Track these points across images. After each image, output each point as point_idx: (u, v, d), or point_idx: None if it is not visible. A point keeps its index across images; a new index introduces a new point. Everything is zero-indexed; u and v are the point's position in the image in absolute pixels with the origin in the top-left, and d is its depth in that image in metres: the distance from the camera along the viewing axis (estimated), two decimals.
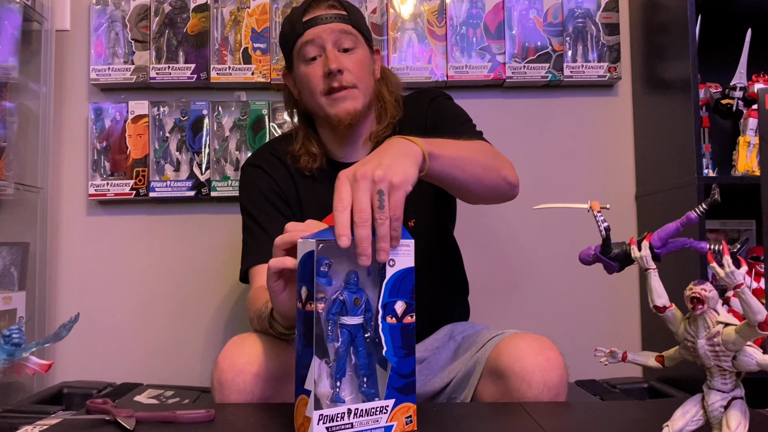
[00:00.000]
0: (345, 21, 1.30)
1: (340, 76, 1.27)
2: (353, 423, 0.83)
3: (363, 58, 1.31)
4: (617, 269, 0.72)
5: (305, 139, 1.37)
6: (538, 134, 1.90)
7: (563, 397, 1.10)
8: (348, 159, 1.36)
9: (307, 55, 1.30)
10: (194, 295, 1.84)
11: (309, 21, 1.29)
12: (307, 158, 1.35)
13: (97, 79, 1.81)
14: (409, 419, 0.88)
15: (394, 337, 0.86)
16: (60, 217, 1.85)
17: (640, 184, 1.88)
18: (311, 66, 1.30)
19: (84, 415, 1.00)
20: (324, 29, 1.28)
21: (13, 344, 0.59)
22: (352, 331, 0.85)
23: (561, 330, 1.79)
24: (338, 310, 0.83)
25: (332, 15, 1.30)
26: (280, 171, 1.38)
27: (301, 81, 1.33)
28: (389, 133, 1.33)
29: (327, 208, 1.29)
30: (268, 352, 1.12)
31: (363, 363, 0.85)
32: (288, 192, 1.37)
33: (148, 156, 1.81)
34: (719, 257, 0.60)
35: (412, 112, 1.38)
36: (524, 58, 1.84)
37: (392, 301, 0.86)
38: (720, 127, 1.84)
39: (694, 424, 0.66)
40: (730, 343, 0.62)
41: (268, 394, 1.10)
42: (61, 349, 1.80)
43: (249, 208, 1.37)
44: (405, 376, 0.87)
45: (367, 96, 1.32)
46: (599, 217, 0.71)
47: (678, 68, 1.66)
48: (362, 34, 1.33)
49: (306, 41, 1.29)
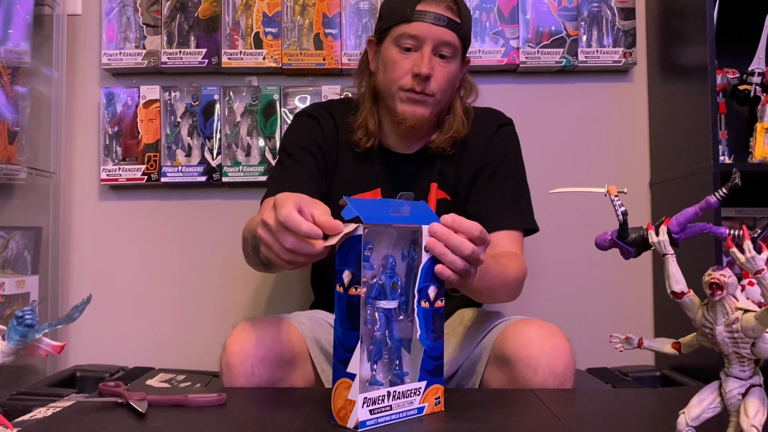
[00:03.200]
0: (455, 30, 1.26)
1: (427, 83, 1.24)
2: (391, 405, 0.85)
3: (453, 71, 1.29)
4: (634, 255, 0.71)
5: (369, 114, 1.34)
6: (551, 120, 1.88)
7: (570, 384, 1.10)
8: (400, 149, 1.36)
9: (403, 43, 1.26)
10: (206, 279, 1.84)
11: (422, 13, 1.24)
12: (363, 133, 1.33)
13: (109, 64, 1.81)
14: (437, 400, 0.91)
15: (427, 321, 0.89)
16: (72, 201, 1.85)
17: (655, 171, 1.86)
18: (403, 56, 1.26)
19: (97, 397, 1.00)
20: (432, 30, 1.24)
21: (26, 325, 0.59)
22: (389, 315, 0.86)
23: (573, 317, 1.79)
24: (377, 294, 0.84)
25: (446, 19, 1.24)
26: (330, 133, 1.36)
27: (385, 62, 1.29)
28: (448, 146, 1.33)
29: (361, 186, 1.31)
30: (276, 336, 1.12)
31: (396, 346, 0.87)
32: (329, 155, 1.35)
33: (159, 141, 1.81)
34: (739, 242, 0.59)
35: (478, 130, 1.36)
36: (538, 43, 1.82)
37: (426, 286, 0.89)
38: (737, 113, 1.81)
39: (711, 412, 0.65)
40: (749, 329, 0.61)
41: (276, 378, 1.10)
42: (74, 333, 1.81)
43: (291, 148, 1.34)
44: (435, 358, 0.91)
45: (441, 107, 1.31)
46: (616, 201, 0.70)
47: (695, 53, 1.64)
48: (464, 45, 1.30)
49: (409, 33, 1.25)
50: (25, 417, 0.91)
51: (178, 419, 0.89)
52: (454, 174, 1.35)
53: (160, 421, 0.87)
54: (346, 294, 0.83)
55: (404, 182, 1.34)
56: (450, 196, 1.35)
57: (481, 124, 1.37)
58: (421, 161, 1.35)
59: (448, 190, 1.35)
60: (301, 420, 0.89)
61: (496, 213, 1.29)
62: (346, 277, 0.83)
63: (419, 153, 1.36)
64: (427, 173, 1.35)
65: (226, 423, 0.90)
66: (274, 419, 0.91)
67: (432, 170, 1.35)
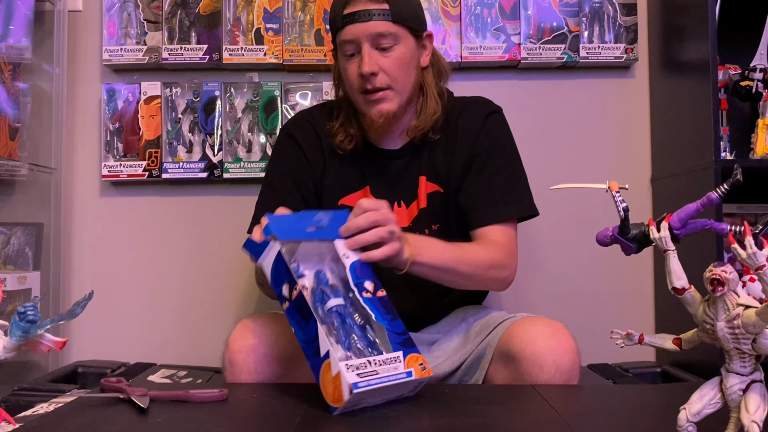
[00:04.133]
0: (385, 17, 1.23)
1: (374, 79, 1.23)
2: (377, 371, 0.89)
3: (402, 55, 1.25)
4: (635, 251, 0.71)
5: (345, 119, 1.34)
6: (552, 116, 1.87)
7: (575, 381, 1.10)
8: (384, 145, 1.35)
9: (345, 51, 1.26)
10: (207, 276, 1.84)
11: (349, 16, 1.24)
12: (343, 138, 1.33)
13: (110, 60, 1.81)
14: (422, 366, 0.95)
15: (376, 307, 0.98)
16: (73, 197, 1.85)
17: (656, 168, 1.86)
18: (349, 63, 1.26)
19: (98, 393, 1.00)
20: (362, 29, 1.22)
21: (28, 321, 0.59)
22: (341, 311, 0.95)
23: (573, 313, 1.78)
24: (320, 298, 0.94)
25: (373, 11, 1.22)
26: (311, 145, 1.36)
27: (341, 72, 1.31)
28: (428, 128, 1.30)
29: (350, 187, 1.31)
30: (279, 332, 1.12)
31: (361, 335, 0.94)
32: (315, 167, 1.36)
33: (160, 137, 1.81)
34: (741, 238, 0.59)
35: (467, 122, 1.33)
36: (539, 39, 1.82)
37: (361, 282, 0.99)
38: (738, 109, 1.80)
39: (712, 407, 0.65)
40: (750, 325, 0.61)
41: (279, 374, 1.11)
42: (76, 329, 1.82)
43: (271, 175, 1.38)
44: (400, 333, 0.97)
45: (405, 94, 1.28)
46: (618, 197, 0.70)
47: (696, 49, 1.63)
48: (406, 26, 1.26)
49: (344, 40, 1.25)
50: (27, 412, 0.91)
51: (180, 414, 0.89)
52: (444, 164, 1.32)
53: (161, 417, 0.88)
54: (292, 300, 0.91)
55: (393, 178, 1.33)
56: (442, 188, 1.32)
57: (470, 112, 1.35)
58: (409, 154, 1.34)
59: (440, 182, 1.32)
60: (303, 415, 0.89)
61: (485, 206, 1.28)
62: (286, 291, 0.93)
63: (406, 147, 1.34)
64: (415, 166, 1.33)
65: (228, 418, 0.90)
66: (275, 414, 0.92)
67: (420, 162, 1.33)
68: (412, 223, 1.32)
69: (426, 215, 1.32)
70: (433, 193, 1.33)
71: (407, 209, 1.32)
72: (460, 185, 1.32)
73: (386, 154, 1.35)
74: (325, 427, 0.85)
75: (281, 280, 0.94)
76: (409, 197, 1.33)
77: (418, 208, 1.32)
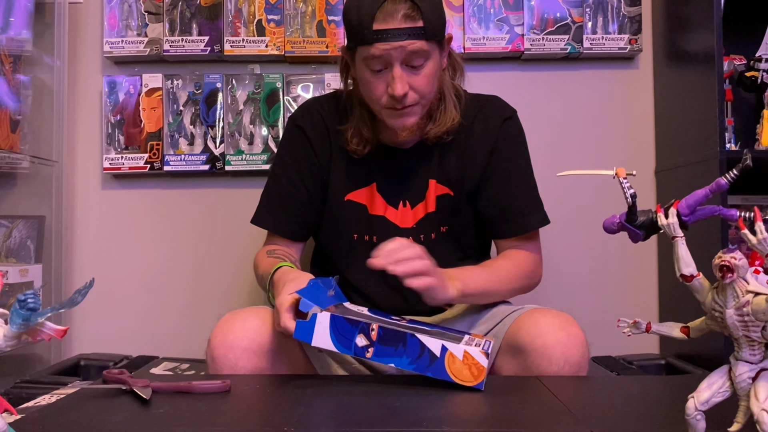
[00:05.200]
0: (420, 36, 1.14)
1: (405, 98, 1.17)
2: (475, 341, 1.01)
3: (432, 71, 1.19)
4: (642, 238, 0.70)
5: (360, 121, 1.28)
6: (556, 108, 1.86)
7: (584, 373, 1.10)
8: (396, 144, 1.31)
9: (372, 66, 1.17)
10: (209, 269, 1.84)
11: (380, 33, 1.13)
12: (358, 142, 1.28)
13: (111, 52, 1.80)
14: None
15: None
16: (75, 190, 1.85)
17: (660, 159, 1.85)
18: (375, 78, 1.18)
19: (101, 384, 1.00)
20: (395, 48, 1.13)
21: (29, 309, 0.58)
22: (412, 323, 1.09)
23: (576, 306, 1.77)
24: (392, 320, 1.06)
25: (407, 30, 1.13)
26: (320, 136, 1.33)
27: (360, 80, 1.23)
28: (443, 132, 1.27)
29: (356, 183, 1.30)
30: (260, 327, 1.12)
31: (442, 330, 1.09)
32: (322, 159, 1.33)
33: (162, 130, 1.80)
34: (751, 224, 0.58)
35: (483, 126, 1.31)
36: (543, 30, 1.80)
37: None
38: (743, 100, 1.79)
39: (721, 396, 0.64)
40: (760, 312, 0.60)
41: (261, 368, 1.10)
42: (78, 322, 1.81)
43: (277, 167, 1.37)
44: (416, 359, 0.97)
45: (428, 106, 1.24)
46: (625, 183, 0.69)
47: (701, 40, 1.62)
48: (436, 40, 1.18)
49: (374, 54, 1.15)
50: (29, 404, 0.91)
51: (182, 405, 0.89)
52: (457, 168, 1.30)
53: (164, 408, 0.87)
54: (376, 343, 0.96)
55: (401, 177, 1.31)
56: (453, 192, 1.30)
57: (485, 115, 1.32)
58: (419, 155, 1.31)
59: (451, 185, 1.30)
60: (306, 406, 0.88)
61: (513, 217, 1.30)
62: (362, 341, 0.96)
63: (416, 147, 1.31)
64: (425, 167, 1.31)
65: (231, 409, 0.90)
66: (278, 405, 0.91)
67: (431, 164, 1.31)
68: (417, 224, 1.30)
69: (434, 218, 1.31)
70: (442, 196, 1.31)
71: (412, 210, 1.31)
72: (476, 191, 1.31)
73: (396, 153, 1.32)
74: (329, 417, 0.84)
75: (351, 337, 0.95)
76: (415, 198, 1.31)
77: (425, 211, 1.31)
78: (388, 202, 1.31)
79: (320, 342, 0.95)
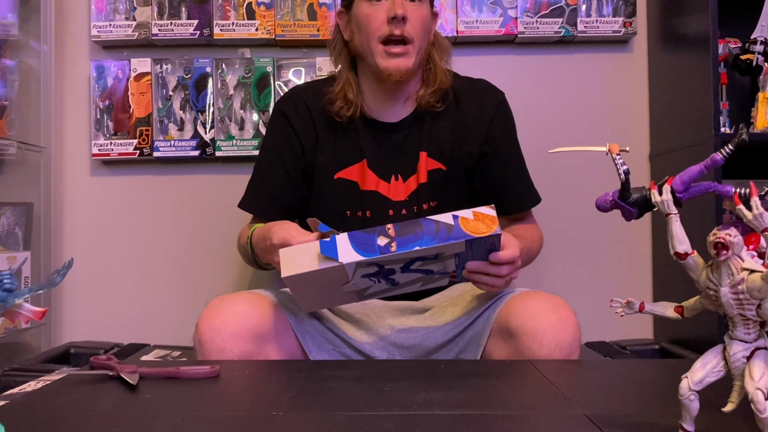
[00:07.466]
0: None
1: (403, 25, 1.23)
2: None
3: (425, 15, 1.28)
4: (636, 216, 0.69)
5: (346, 83, 1.31)
6: (550, 92, 1.85)
7: (575, 356, 1.09)
8: (384, 118, 1.32)
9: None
10: (200, 255, 1.82)
11: None
12: (342, 103, 1.30)
13: (99, 36, 1.77)
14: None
15: None
16: (64, 176, 1.82)
17: (655, 143, 1.83)
18: (375, 6, 1.24)
19: (88, 371, 0.99)
20: None
21: (5, 290, 0.57)
22: None
23: (568, 290, 1.77)
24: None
25: None
26: (303, 120, 1.34)
27: (359, 21, 1.27)
28: (435, 99, 1.30)
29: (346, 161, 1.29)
30: (248, 310, 1.12)
31: None
32: (306, 144, 1.34)
33: (151, 115, 1.78)
34: (746, 200, 0.56)
35: (479, 102, 1.34)
36: (537, 13, 1.78)
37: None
38: (738, 83, 1.78)
39: (715, 376, 0.63)
40: (755, 290, 0.59)
41: (250, 352, 1.10)
42: (68, 310, 1.80)
43: (261, 152, 1.40)
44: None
45: (420, 55, 1.28)
46: (618, 160, 0.68)
47: (696, 23, 1.60)
48: None
49: None
50: (13, 390, 0.89)
51: (170, 391, 0.87)
52: (450, 143, 1.31)
53: (151, 393, 0.86)
54: (395, 238, 0.99)
55: (391, 151, 1.31)
56: (445, 166, 1.31)
57: (480, 95, 1.34)
58: (408, 128, 1.32)
59: (444, 160, 1.31)
60: (295, 390, 0.87)
61: (520, 193, 1.38)
62: (383, 241, 1.00)
63: (405, 120, 1.32)
64: (416, 141, 1.31)
65: (219, 395, 0.88)
66: (267, 390, 0.90)
67: (421, 137, 1.31)
68: (409, 197, 1.31)
69: (425, 191, 1.31)
70: (434, 171, 1.31)
71: (404, 183, 1.31)
72: (474, 169, 1.33)
73: (384, 127, 1.32)
74: (319, 402, 0.83)
75: (371, 242, 0.99)
76: (407, 171, 1.31)
77: (417, 183, 1.31)
78: (379, 177, 1.31)
79: (346, 257, 0.98)
